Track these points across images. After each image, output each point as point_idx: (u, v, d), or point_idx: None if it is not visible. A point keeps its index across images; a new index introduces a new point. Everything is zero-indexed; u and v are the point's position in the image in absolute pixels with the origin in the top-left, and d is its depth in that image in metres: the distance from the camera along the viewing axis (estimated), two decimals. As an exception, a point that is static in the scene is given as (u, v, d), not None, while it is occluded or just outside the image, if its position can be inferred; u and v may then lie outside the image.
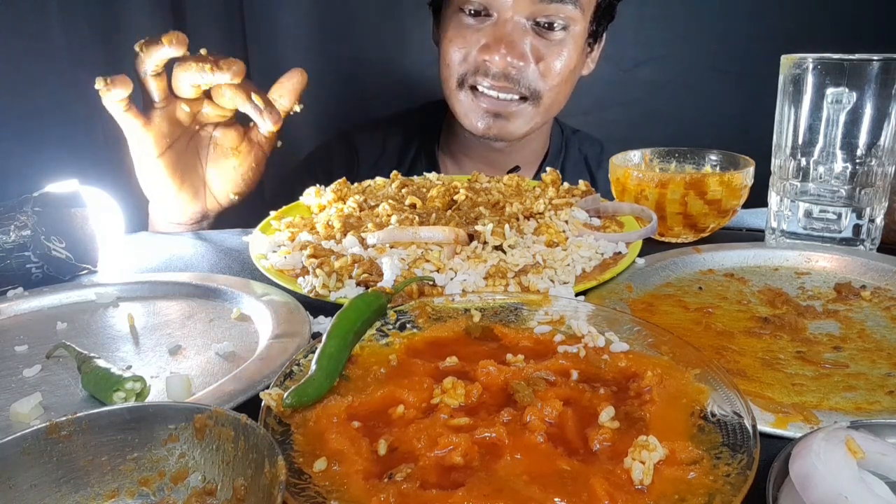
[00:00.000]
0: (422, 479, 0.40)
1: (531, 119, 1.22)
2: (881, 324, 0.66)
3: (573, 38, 1.17)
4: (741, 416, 0.45)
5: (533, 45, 1.15)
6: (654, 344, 0.55)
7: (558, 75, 1.18)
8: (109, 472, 0.42)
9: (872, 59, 0.77)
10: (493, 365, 0.52)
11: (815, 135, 0.82)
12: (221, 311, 0.73)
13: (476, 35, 1.16)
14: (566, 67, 1.18)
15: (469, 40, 1.16)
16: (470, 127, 1.22)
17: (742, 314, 0.69)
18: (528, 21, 1.14)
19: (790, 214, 0.86)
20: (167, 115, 0.98)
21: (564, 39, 1.16)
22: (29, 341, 0.67)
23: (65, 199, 0.84)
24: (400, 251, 0.76)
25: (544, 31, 1.15)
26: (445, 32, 1.19)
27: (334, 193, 0.97)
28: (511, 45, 1.13)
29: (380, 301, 0.60)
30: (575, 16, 1.15)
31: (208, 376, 0.59)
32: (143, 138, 0.97)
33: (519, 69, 1.15)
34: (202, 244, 0.98)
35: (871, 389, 0.54)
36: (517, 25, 1.13)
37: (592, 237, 0.82)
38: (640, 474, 0.40)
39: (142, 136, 0.97)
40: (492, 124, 1.20)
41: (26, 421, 0.52)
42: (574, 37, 1.17)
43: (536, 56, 1.16)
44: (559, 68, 1.17)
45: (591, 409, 0.47)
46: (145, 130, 0.96)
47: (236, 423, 0.41)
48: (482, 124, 1.20)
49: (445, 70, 1.21)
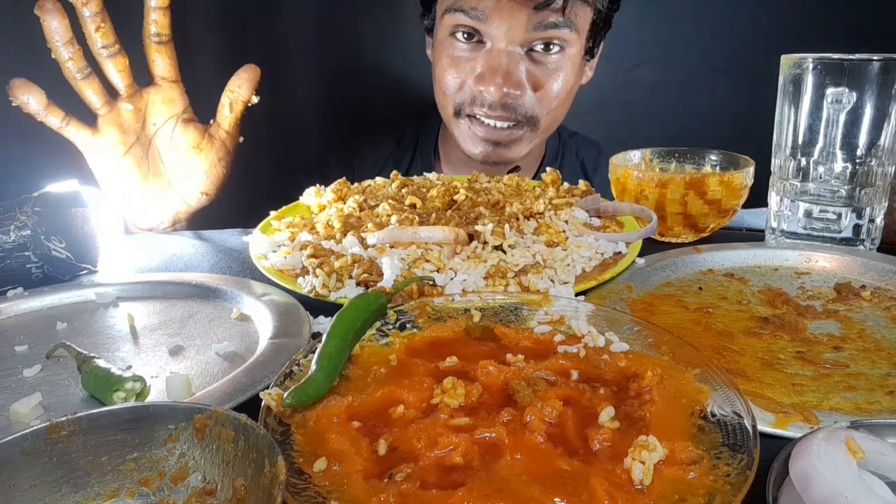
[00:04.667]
0: (422, 479, 0.40)
1: (529, 143, 1.21)
2: (881, 324, 0.66)
3: (569, 59, 1.15)
4: (741, 416, 0.45)
5: (528, 71, 1.13)
6: (654, 344, 0.55)
7: (555, 99, 1.16)
8: (109, 472, 0.42)
9: (872, 59, 0.76)
10: (493, 365, 0.52)
11: (815, 135, 0.82)
12: (221, 311, 0.73)
13: (470, 63, 1.14)
14: (563, 90, 1.16)
15: (463, 69, 1.15)
16: (469, 153, 1.22)
17: (742, 314, 0.69)
18: (522, 48, 1.12)
19: (790, 214, 0.86)
20: (112, 120, 0.97)
21: (560, 62, 1.14)
22: (29, 341, 0.67)
23: (65, 199, 0.84)
24: (400, 251, 0.76)
25: (540, 56, 1.13)
26: (440, 59, 1.18)
27: (334, 193, 0.97)
28: (506, 75, 1.11)
29: (380, 301, 0.60)
30: (570, 38, 1.13)
31: (208, 376, 0.59)
32: (95, 150, 0.97)
33: (515, 98, 1.13)
34: (202, 244, 0.98)
35: (871, 389, 0.54)
36: (512, 55, 1.11)
37: (592, 237, 0.82)
38: (640, 474, 0.40)
39: (93, 147, 0.96)
40: (490, 152, 1.20)
41: (26, 421, 0.52)
42: (570, 57, 1.15)
43: (533, 83, 1.14)
44: (556, 92, 1.16)
45: (591, 409, 0.47)
46: (95, 140, 0.96)
47: (236, 423, 0.41)
48: (480, 151, 1.20)
49: (442, 97, 1.20)
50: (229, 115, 1.03)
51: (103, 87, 0.96)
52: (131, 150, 0.99)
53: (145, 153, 1.00)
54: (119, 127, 0.98)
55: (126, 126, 0.98)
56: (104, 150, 0.97)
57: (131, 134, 0.99)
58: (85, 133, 0.96)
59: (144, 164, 1.00)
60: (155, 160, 1.01)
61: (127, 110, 0.97)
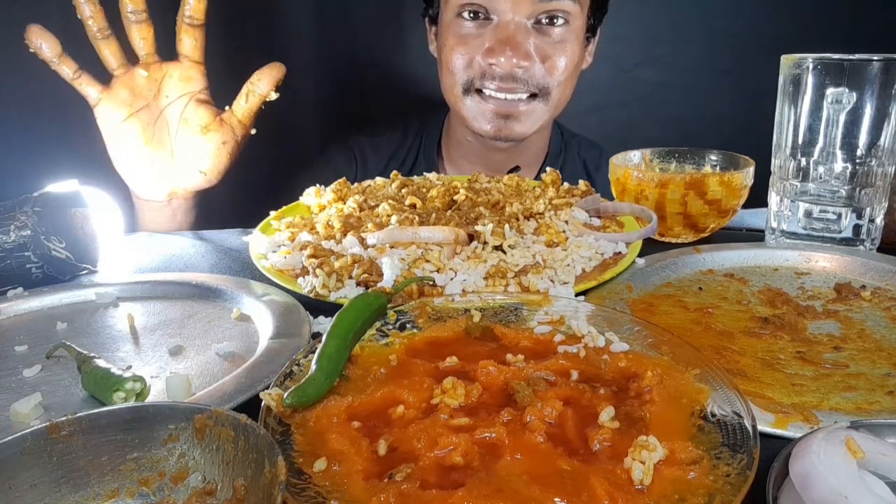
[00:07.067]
0: (422, 480, 0.40)
1: (540, 117, 1.23)
2: (881, 324, 0.66)
3: (574, 33, 1.18)
4: (741, 416, 0.45)
5: (536, 43, 1.16)
6: (654, 344, 0.55)
7: (564, 70, 1.19)
8: (109, 472, 0.42)
9: (872, 59, 0.76)
10: (493, 365, 0.52)
11: (815, 135, 0.82)
12: (221, 311, 0.73)
13: (478, 40, 1.16)
14: (571, 62, 1.19)
15: (471, 45, 1.17)
16: (479, 130, 1.23)
17: (742, 314, 0.69)
18: (529, 20, 1.15)
19: (790, 214, 0.86)
20: (125, 82, 1.01)
21: (566, 35, 1.17)
22: (29, 341, 0.67)
23: (65, 199, 0.84)
24: (400, 251, 0.76)
25: (546, 28, 1.16)
26: (446, 40, 1.20)
27: (334, 193, 0.97)
28: (515, 45, 1.13)
29: (380, 301, 0.60)
30: (574, 10, 1.16)
31: (208, 376, 0.59)
32: (102, 105, 1.00)
33: (525, 69, 1.16)
34: (202, 244, 0.98)
35: (871, 389, 0.54)
36: (519, 26, 1.14)
37: (592, 237, 0.82)
38: (640, 474, 0.40)
39: (101, 102, 1.00)
40: (501, 126, 1.21)
41: (26, 421, 0.52)
42: (575, 31, 1.18)
43: (541, 54, 1.17)
44: (564, 63, 1.18)
45: (591, 409, 0.47)
46: (103, 97, 1.00)
47: (236, 423, 0.41)
48: (491, 126, 1.21)
49: (449, 77, 1.21)
50: (245, 106, 1.06)
51: (122, 51, 1.00)
52: (138, 114, 1.02)
53: (153, 121, 1.03)
54: (131, 90, 1.01)
55: (138, 91, 1.02)
56: (112, 108, 1.01)
57: (141, 99, 1.02)
58: (96, 88, 1.00)
59: (150, 130, 1.03)
60: (162, 131, 1.04)
61: (141, 76, 1.01)
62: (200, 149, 1.05)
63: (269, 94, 1.05)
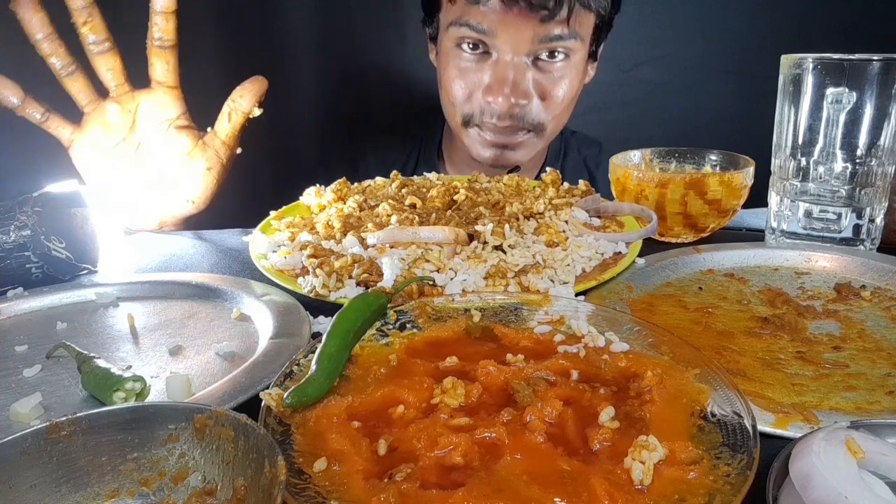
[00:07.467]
0: (422, 479, 0.40)
1: (535, 147, 1.24)
2: (881, 324, 0.66)
3: (574, 66, 1.17)
4: (741, 416, 0.45)
5: (535, 80, 1.15)
6: (654, 344, 0.55)
7: (561, 105, 1.19)
8: (109, 472, 0.42)
9: (872, 59, 0.76)
10: (493, 365, 0.52)
11: (815, 135, 0.82)
12: (221, 311, 0.73)
13: (477, 74, 1.16)
14: (568, 96, 1.19)
15: (471, 80, 1.16)
16: (478, 157, 1.24)
17: (742, 314, 0.69)
18: (528, 58, 1.13)
19: (790, 214, 0.86)
20: (96, 119, 0.96)
21: (565, 69, 1.16)
22: (29, 341, 0.67)
23: (65, 199, 0.84)
24: (400, 251, 0.76)
25: (545, 65, 1.15)
26: (446, 68, 1.19)
27: (334, 193, 0.97)
28: (514, 85, 1.13)
29: (380, 301, 0.60)
30: (575, 46, 1.15)
31: (208, 376, 0.59)
32: (75, 146, 0.96)
33: (522, 107, 1.15)
34: (202, 244, 0.98)
35: (871, 389, 0.54)
36: (518, 65, 1.13)
37: (592, 237, 0.82)
38: (640, 474, 0.40)
39: (73, 143, 0.96)
40: (499, 154, 1.22)
41: (26, 421, 0.52)
42: (575, 64, 1.17)
43: (539, 91, 1.16)
44: (562, 98, 1.18)
45: (591, 409, 0.47)
46: (74, 138, 0.96)
47: (236, 423, 0.41)
48: (489, 154, 1.22)
49: (450, 106, 1.22)
50: (227, 126, 1.02)
51: (91, 85, 0.96)
52: (114, 149, 0.98)
53: (131, 155, 0.99)
54: (103, 126, 0.97)
55: (111, 126, 0.97)
56: (85, 147, 0.97)
57: (116, 134, 0.98)
58: (66, 129, 0.96)
59: (128, 165, 0.99)
60: (143, 163, 1.00)
61: (113, 110, 0.96)
62: (185, 177, 1.01)
63: (252, 111, 1.01)
